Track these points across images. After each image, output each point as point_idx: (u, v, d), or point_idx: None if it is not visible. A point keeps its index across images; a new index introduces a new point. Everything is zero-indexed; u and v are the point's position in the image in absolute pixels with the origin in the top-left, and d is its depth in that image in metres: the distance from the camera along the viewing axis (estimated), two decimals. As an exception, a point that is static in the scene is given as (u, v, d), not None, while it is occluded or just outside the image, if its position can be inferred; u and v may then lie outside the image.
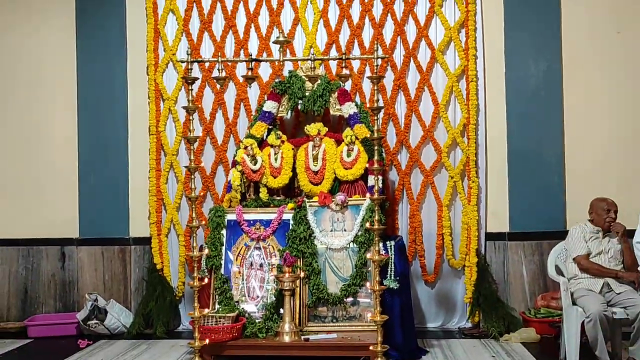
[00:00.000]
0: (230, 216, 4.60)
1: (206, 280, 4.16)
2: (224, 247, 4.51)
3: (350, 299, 4.35)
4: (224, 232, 4.55)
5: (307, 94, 4.95)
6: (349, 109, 4.91)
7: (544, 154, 5.23)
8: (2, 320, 5.51)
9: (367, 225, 4.13)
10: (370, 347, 3.80)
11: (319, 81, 4.90)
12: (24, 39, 5.67)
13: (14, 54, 5.68)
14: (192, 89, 4.02)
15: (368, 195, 4.40)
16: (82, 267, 5.54)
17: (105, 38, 5.56)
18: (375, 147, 3.98)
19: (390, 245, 4.43)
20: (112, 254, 5.51)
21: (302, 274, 4.28)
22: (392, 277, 4.33)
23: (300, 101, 4.98)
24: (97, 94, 5.56)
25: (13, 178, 5.65)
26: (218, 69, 4.09)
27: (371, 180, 4.66)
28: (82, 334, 5.18)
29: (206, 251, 4.36)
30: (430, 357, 4.43)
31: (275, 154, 4.90)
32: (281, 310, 4.19)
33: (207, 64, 5.32)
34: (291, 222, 4.51)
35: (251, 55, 4.51)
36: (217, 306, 4.30)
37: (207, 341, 3.89)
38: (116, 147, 5.52)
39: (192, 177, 4.01)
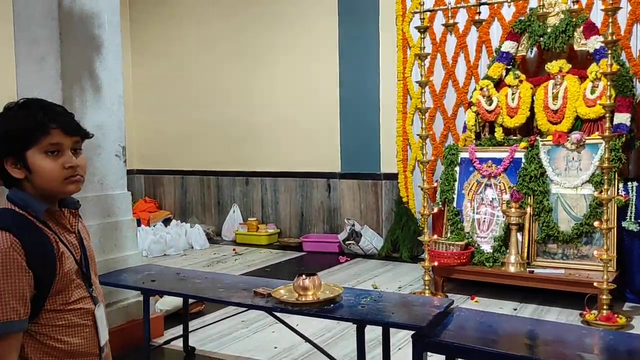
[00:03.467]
0: (464, 154, 4.91)
1: (435, 210, 4.60)
2: (456, 183, 4.87)
3: (583, 238, 4.31)
4: (457, 168, 4.90)
5: (548, 30, 4.84)
6: (594, 43, 4.65)
7: None
8: (286, 237, 6.92)
9: (599, 164, 4.00)
10: (595, 284, 3.79)
11: (562, 16, 4.76)
12: (291, 6, 6.74)
13: (284, 20, 6.79)
14: (423, 37, 4.41)
15: (597, 133, 4.21)
16: (343, 197, 6.54)
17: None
18: (608, 83, 3.81)
19: (632, 187, 4.22)
20: (366, 187, 6.37)
21: (529, 210, 4.40)
22: (632, 219, 4.14)
23: (541, 39, 4.90)
24: (353, 49, 6.35)
25: (290, 125, 6.87)
26: (448, 16, 4.36)
27: (618, 117, 4.44)
28: (342, 251, 6.20)
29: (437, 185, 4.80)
30: (677, 306, 4.15)
31: (512, 93, 4.97)
32: (509, 243, 4.40)
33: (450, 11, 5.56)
34: (523, 160, 4.61)
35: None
36: (448, 235, 4.73)
37: (435, 263, 4.38)
38: (369, 94, 6.26)
39: (422, 117, 4.45)
